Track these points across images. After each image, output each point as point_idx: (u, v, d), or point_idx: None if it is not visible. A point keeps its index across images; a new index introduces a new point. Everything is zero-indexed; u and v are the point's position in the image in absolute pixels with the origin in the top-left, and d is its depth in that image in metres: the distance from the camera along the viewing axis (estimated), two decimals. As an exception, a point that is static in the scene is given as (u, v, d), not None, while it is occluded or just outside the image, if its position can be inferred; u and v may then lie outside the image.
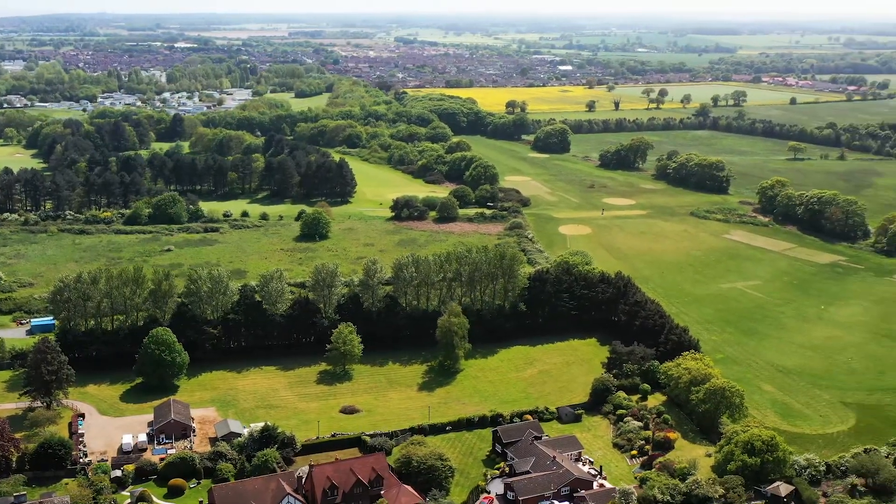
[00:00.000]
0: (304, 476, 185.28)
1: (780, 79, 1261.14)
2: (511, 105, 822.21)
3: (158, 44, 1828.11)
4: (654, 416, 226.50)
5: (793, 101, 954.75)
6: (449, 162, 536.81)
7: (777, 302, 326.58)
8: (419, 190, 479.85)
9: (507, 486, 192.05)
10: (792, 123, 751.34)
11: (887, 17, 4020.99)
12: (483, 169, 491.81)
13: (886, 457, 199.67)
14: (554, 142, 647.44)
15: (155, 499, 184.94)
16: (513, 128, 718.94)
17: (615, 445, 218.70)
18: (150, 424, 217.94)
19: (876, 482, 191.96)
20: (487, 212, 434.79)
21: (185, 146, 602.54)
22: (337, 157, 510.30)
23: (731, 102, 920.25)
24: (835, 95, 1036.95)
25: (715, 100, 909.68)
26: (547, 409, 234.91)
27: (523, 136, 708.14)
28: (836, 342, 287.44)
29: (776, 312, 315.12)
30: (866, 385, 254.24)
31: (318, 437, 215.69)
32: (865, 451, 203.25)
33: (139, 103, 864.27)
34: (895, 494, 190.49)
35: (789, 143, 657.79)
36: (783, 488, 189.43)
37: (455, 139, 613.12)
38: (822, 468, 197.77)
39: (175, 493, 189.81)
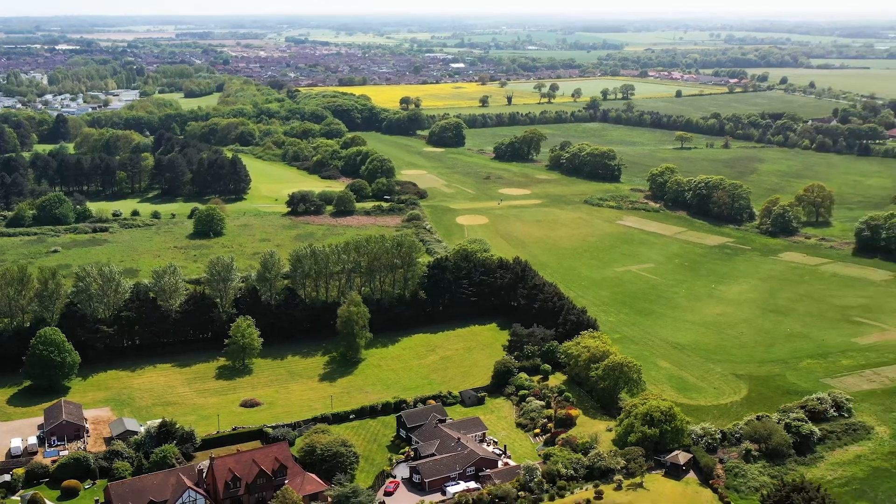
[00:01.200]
0: (206, 469, 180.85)
1: (666, 73, 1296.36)
2: (405, 101, 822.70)
3: (38, 46, 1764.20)
4: (556, 394, 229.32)
5: (678, 94, 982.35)
6: (345, 157, 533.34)
7: (670, 283, 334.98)
8: (315, 185, 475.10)
9: (413, 470, 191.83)
10: (678, 114, 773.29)
11: (765, 14, 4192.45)
12: (379, 163, 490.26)
13: (777, 422, 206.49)
14: (449, 136, 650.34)
15: (48, 501, 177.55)
16: (407, 123, 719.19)
17: (518, 425, 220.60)
18: (40, 427, 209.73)
19: (768, 446, 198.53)
20: (385, 205, 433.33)
21: (71, 147, 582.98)
22: (230, 155, 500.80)
23: (619, 96, 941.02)
24: (718, 88, 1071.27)
25: (604, 93, 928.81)
26: (450, 393, 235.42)
27: (418, 132, 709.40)
28: (727, 318, 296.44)
29: (670, 293, 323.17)
30: (757, 357, 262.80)
31: (218, 432, 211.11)
32: (758, 418, 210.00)
33: (19, 105, 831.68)
34: (787, 457, 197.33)
35: (676, 132, 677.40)
36: (682, 456, 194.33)
37: (350, 135, 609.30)
38: (718, 436, 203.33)
39: (69, 494, 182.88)
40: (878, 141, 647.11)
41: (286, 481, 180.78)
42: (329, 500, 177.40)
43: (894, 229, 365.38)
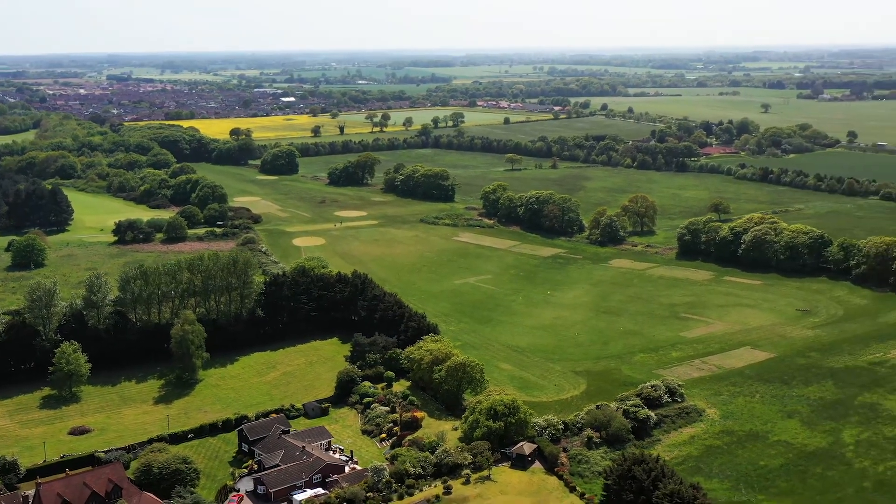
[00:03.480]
0: (32, 496, 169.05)
1: (494, 102, 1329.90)
2: (235, 133, 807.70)
3: None
4: (400, 399, 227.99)
5: (506, 121, 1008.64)
6: (174, 186, 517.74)
7: (507, 292, 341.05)
8: (144, 214, 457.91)
9: (257, 481, 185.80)
10: (507, 139, 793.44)
11: (584, 49, 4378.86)
12: (210, 189, 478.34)
13: (616, 410, 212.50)
14: (282, 163, 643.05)
15: None
16: (238, 153, 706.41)
17: (364, 432, 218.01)
18: None
19: (609, 433, 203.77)
20: (218, 230, 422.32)
21: None
22: (49, 187, 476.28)
23: (450, 123, 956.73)
24: (543, 115, 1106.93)
25: (435, 121, 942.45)
26: (293, 406, 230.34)
27: (250, 161, 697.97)
28: (563, 321, 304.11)
29: (507, 301, 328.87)
30: (593, 355, 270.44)
31: (45, 461, 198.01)
32: (597, 407, 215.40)
33: None
34: (626, 442, 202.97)
35: (506, 155, 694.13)
36: (527, 447, 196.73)
37: (178, 166, 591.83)
38: (561, 427, 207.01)
39: None
40: (692, 158, 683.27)
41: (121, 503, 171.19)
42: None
43: (712, 233, 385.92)
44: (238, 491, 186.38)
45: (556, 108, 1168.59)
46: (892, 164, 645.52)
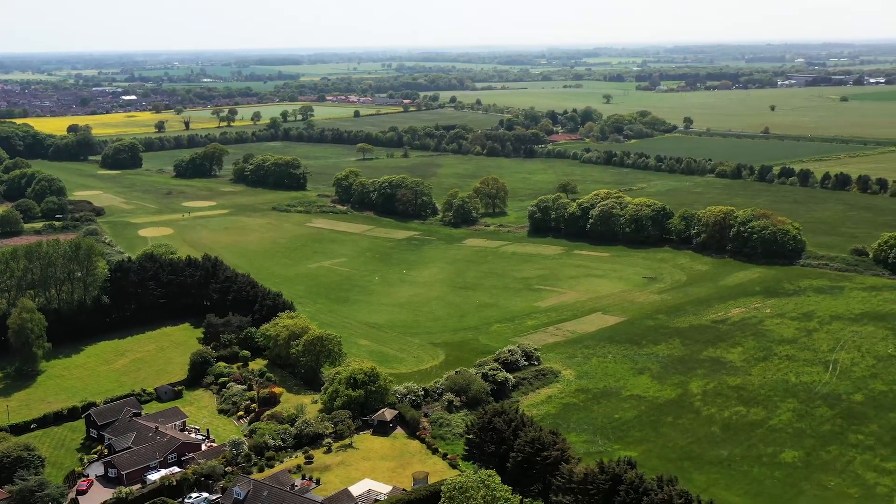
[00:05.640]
0: None
1: (343, 97, 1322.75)
2: (74, 129, 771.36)
3: None
4: (257, 377, 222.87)
5: (357, 114, 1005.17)
6: (7, 181, 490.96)
7: (363, 273, 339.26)
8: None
9: (108, 465, 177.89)
10: (358, 130, 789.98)
11: (431, 47, 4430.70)
12: (47, 183, 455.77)
13: (475, 374, 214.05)
14: (125, 157, 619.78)
15: None
16: (77, 148, 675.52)
17: (221, 411, 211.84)
18: None
19: (468, 396, 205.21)
20: (57, 223, 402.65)
21: None
22: None
23: (299, 117, 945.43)
24: (393, 108, 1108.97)
25: (284, 115, 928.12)
26: (144, 390, 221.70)
27: (90, 157, 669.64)
28: (420, 298, 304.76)
29: (364, 282, 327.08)
30: (450, 327, 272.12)
31: None
32: (457, 372, 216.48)
33: None
34: (486, 404, 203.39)
35: (358, 145, 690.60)
36: (388, 413, 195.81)
37: (11, 161, 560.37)
38: (421, 393, 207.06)
39: None
40: (540, 145, 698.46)
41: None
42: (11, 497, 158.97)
43: (561, 209, 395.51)
44: (87, 476, 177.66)
45: (406, 102, 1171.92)
46: (724, 146, 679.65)
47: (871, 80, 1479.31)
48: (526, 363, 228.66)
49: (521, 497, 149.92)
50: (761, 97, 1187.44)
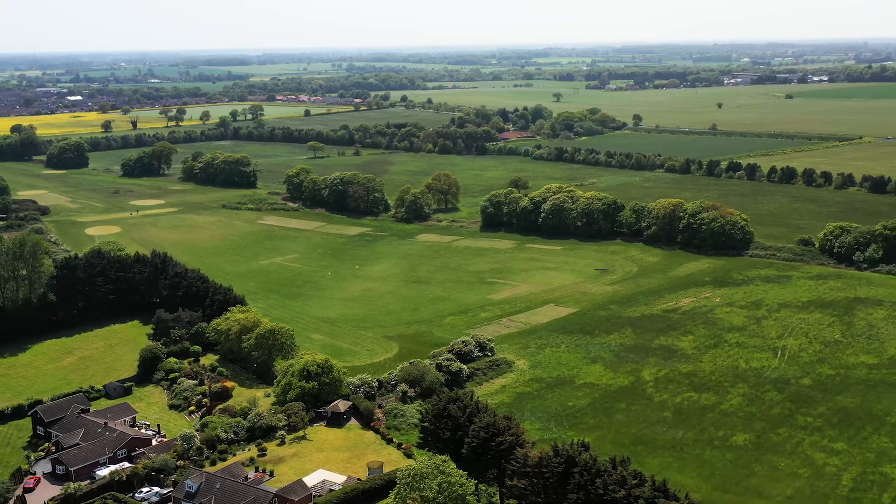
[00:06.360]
0: None
1: (294, 97, 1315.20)
2: (17, 129, 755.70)
3: None
4: (209, 371, 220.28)
5: (307, 113, 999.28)
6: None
7: (315, 269, 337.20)
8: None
9: (56, 461, 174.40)
10: (309, 128, 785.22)
11: (382, 47, 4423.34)
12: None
13: (429, 365, 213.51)
14: (70, 157, 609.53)
15: None
16: (21, 148, 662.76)
17: (172, 407, 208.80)
18: None
19: (423, 387, 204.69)
20: (1, 223, 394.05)
21: None
22: None
23: (249, 116, 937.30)
24: (344, 107, 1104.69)
25: (234, 114, 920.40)
26: (93, 388, 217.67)
27: (35, 157, 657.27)
28: (373, 292, 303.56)
29: (316, 277, 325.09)
30: (404, 320, 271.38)
31: None
32: (411, 363, 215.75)
33: None
34: (441, 395, 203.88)
35: (308, 143, 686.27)
36: (342, 405, 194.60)
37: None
38: (375, 384, 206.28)
39: None
40: (492, 142, 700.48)
41: None
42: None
43: (514, 204, 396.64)
44: (34, 473, 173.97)
45: (357, 101, 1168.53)
46: (673, 143, 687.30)
47: (815, 79, 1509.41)
48: (480, 354, 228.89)
49: (475, 482, 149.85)
50: (708, 95, 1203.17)
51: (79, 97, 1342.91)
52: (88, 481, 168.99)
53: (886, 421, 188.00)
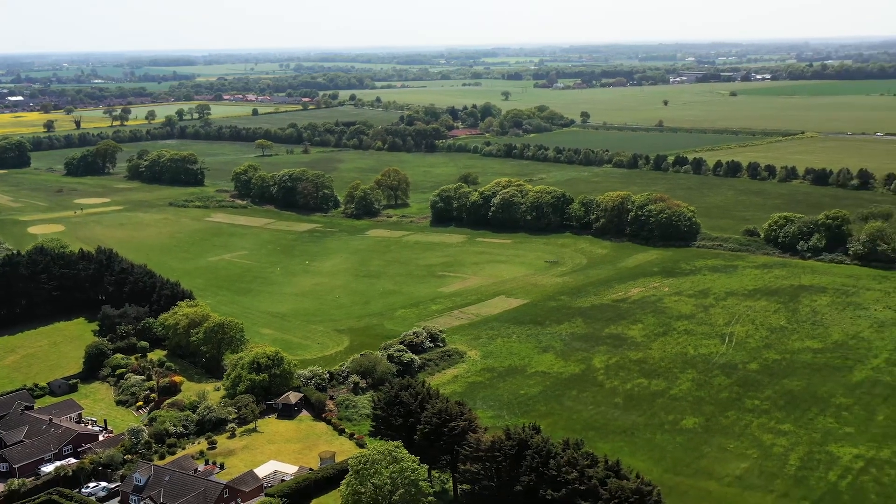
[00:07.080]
0: None
1: (241, 96, 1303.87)
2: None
3: None
4: (157, 366, 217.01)
5: (255, 112, 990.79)
6: None
7: (265, 265, 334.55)
8: None
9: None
10: (257, 127, 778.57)
11: (330, 48, 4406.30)
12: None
13: (381, 356, 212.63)
14: (11, 157, 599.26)
15: None
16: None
17: (119, 403, 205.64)
18: None
19: (374, 378, 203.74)
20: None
21: None
22: None
23: (196, 116, 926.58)
24: (293, 106, 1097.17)
25: (180, 113, 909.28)
26: (37, 385, 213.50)
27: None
28: (324, 287, 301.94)
29: (266, 273, 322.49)
30: (355, 314, 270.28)
31: None
32: (362, 354, 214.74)
33: None
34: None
35: (256, 141, 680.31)
36: (293, 397, 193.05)
37: None
38: (326, 376, 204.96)
39: None
40: (441, 140, 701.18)
41: None
42: None
43: (463, 198, 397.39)
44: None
45: (305, 100, 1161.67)
46: (621, 139, 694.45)
47: (758, 77, 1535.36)
48: (431, 345, 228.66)
49: (428, 468, 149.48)
50: (655, 93, 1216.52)
51: (20, 97, 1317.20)
52: (33, 478, 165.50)
53: (831, 402, 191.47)
